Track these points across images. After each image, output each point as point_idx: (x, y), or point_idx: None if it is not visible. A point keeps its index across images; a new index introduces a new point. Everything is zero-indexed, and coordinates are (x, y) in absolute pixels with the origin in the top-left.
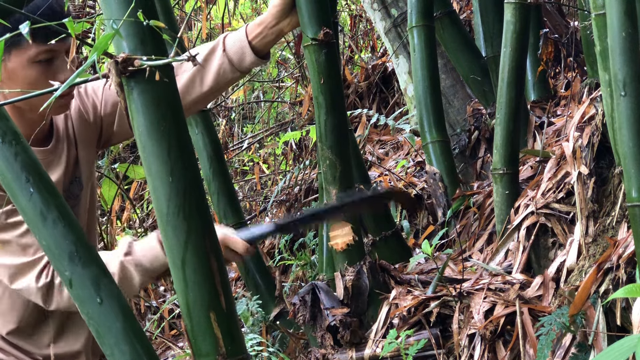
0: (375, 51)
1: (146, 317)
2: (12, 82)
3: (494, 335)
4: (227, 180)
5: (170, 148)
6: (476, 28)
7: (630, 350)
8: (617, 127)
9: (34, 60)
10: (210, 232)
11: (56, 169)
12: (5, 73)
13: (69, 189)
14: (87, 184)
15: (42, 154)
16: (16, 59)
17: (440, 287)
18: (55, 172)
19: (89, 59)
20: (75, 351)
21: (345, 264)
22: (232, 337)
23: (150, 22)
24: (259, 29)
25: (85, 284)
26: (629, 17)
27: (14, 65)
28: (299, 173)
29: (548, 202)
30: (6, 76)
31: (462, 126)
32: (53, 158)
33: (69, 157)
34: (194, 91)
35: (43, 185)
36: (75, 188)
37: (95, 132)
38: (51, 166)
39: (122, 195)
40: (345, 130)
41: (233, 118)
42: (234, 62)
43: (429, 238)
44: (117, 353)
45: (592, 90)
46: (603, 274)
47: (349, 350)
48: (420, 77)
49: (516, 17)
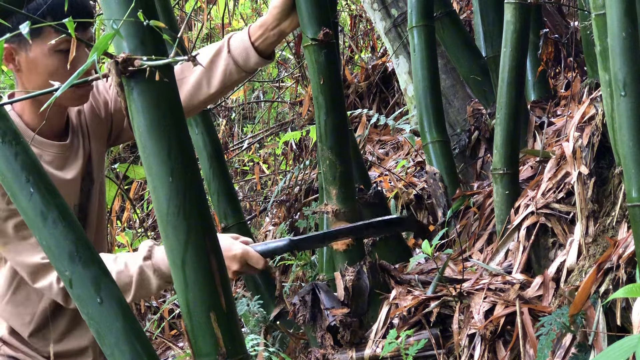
0: (375, 51)
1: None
2: (32, 72)
3: (494, 335)
4: (227, 180)
5: (170, 148)
6: (476, 28)
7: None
8: (617, 127)
9: (55, 49)
10: (211, 231)
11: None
12: (25, 63)
13: (82, 184)
14: (97, 181)
15: (60, 149)
16: (37, 48)
17: (440, 287)
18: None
19: (89, 59)
20: (82, 347)
21: (345, 264)
22: (232, 337)
23: (150, 22)
24: (260, 30)
25: (85, 284)
26: (629, 17)
27: (35, 55)
28: (299, 173)
29: (548, 202)
30: (26, 67)
31: (462, 126)
32: (70, 153)
33: (85, 152)
34: (202, 92)
35: (43, 185)
36: (87, 184)
37: (106, 128)
38: (69, 161)
39: (122, 195)
40: (345, 130)
41: (233, 118)
42: (239, 63)
43: (429, 238)
44: (117, 353)
45: (592, 90)
46: (603, 274)
47: (349, 351)
48: (420, 77)
49: (516, 17)
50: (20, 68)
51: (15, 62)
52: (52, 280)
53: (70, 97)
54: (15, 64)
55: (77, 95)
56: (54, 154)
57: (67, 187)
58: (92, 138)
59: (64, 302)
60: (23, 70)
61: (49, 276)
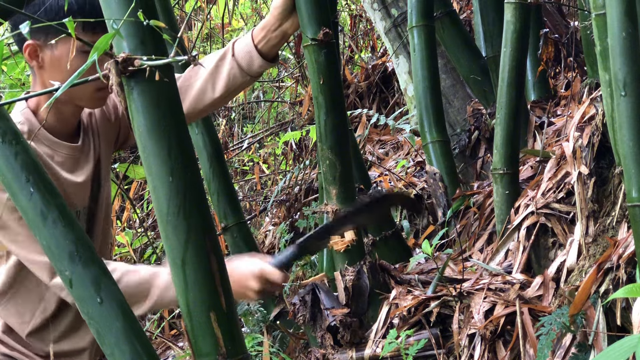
0: (375, 51)
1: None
2: (55, 70)
3: (494, 335)
4: (227, 180)
5: (170, 148)
6: (476, 28)
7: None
8: (617, 127)
9: (81, 49)
10: (211, 231)
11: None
12: (50, 61)
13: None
14: (105, 184)
15: (72, 150)
16: (63, 47)
17: (440, 287)
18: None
19: (89, 59)
20: (80, 348)
21: (345, 264)
22: (232, 337)
23: (150, 22)
24: (262, 32)
25: (85, 284)
26: (629, 17)
27: (60, 53)
28: (299, 173)
29: (548, 202)
30: (49, 63)
31: (462, 126)
32: (81, 155)
33: (95, 155)
34: (207, 97)
35: (43, 185)
36: (96, 187)
37: (114, 131)
38: (79, 163)
39: (122, 195)
40: (345, 130)
41: (233, 118)
42: (243, 67)
43: (429, 238)
44: (117, 353)
45: (592, 90)
46: (603, 274)
47: (349, 350)
48: (420, 77)
49: (516, 17)
50: (44, 65)
51: (39, 59)
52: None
53: (90, 98)
54: (39, 61)
55: (98, 97)
56: (66, 155)
57: (78, 190)
58: (102, 141)
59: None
60: (46, 67)
61: None
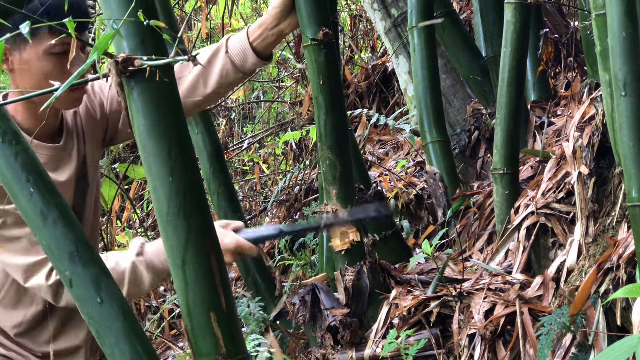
0: (375, 51)
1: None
2: (25, 73)
3: (494, 335)
4: (227, 180)
5: (170, 148)
6: (476, 28)
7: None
8: (617, 127)
9: (49, 51)
10: (211, 231)
11: (67, 166)
12: (19, 64)
13: (77, 186)
14: (93, 183)
15: (54, 151)
16: (31, 50)
17: (440, 287)
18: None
19: (89, 59)
20: (75, 346)
21: (345, 264)
22: (232, 337)
23: (150, 22)
24: (259, 30)
25: (85, 283)
26: (629, 17)
27: (29, 56)
28: (299, 173)
29: (548, 202)
30: (19, 67)
31: (462, 126)
32: (64, 155)
33: (79, 154)
34: (198, 92)
35: (43, 185)
36: (82, 186)
37: (101, 129)
38: (62, 163)
39: (122, 195)
40: (345, 130)
41: (233, 118)
42: (237, 63)
43: (429, 238)
44: (117, 353)
45: (592, 90)
46: (603, 274)
47: (349, 350)
48: (420, 77)
49: (516, 17)
50: (13, 68)
51: (9, 62)
52: (41, 280)
53: (65, 100)
54: (9, 64)
55: (71, 98)
56: (47, 156)
57: (61, 189)
58: (87, 140)
59: (54, 300)
60: (16, 70)
61: (39, 275)
